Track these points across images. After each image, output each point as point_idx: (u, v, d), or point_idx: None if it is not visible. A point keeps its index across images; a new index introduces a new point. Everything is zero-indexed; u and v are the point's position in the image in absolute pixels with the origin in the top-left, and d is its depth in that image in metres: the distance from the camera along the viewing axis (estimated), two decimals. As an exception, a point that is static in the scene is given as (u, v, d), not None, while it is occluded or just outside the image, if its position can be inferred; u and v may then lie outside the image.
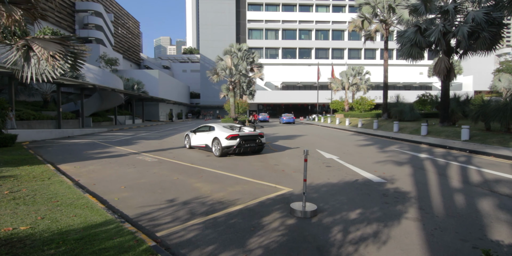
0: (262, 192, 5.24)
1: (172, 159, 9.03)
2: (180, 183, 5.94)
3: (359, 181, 6.06)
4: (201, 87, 63.99)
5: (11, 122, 14.91)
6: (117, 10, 57.93)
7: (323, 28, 58.79)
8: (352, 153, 10.31)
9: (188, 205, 4.47)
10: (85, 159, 8.94)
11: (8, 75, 15.14)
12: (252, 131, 10.00)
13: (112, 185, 5.76)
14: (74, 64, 7.41)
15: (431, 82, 56.99)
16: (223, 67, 27.01)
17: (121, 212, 4.17)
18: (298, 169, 7.41)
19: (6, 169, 6.71)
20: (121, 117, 32.83)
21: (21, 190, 4.93)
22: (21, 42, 7.10)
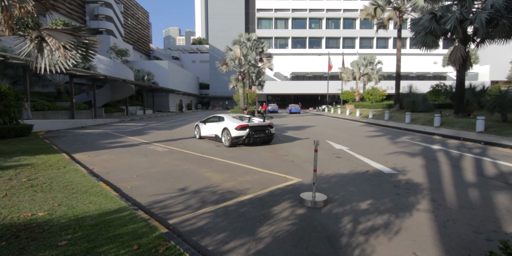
0: (271, 182, 5.27)
1: (182, 149, 9.13)
2: (191, 172, 6.02)
3: (369, 172, 6.01)
4: (210, 77, 63.95)
5: (27, 113, 15.29)
6: (127, 1, 57.81)
7: (334, 17, 57.35)
8: (362, 144, 10.21)
9: (199, 194, 4.53)
10: (98, 148, 9.14)
11: (23, 67, 15.44)
12: (261, 121, 9.98)
13: (125, 174, 5.89)
14: (85, 55, 7.48)
15: (445, 72, 55.33)
16: (232, 57, 26.82)
17: (134, 200, 4.27)
18: (307, 159, 7.39)
19: (23, 158, 6.92)
20: (132, 108, 33.26)
21: (38, 178, 5.09)
22: (34, 33, 7.18)
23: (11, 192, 4.29)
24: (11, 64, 14.88)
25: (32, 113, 16.49)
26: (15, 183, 4.74)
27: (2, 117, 10.60)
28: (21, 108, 12.00)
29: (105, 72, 25.89)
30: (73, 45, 7.16)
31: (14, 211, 3.55)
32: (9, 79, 18.55)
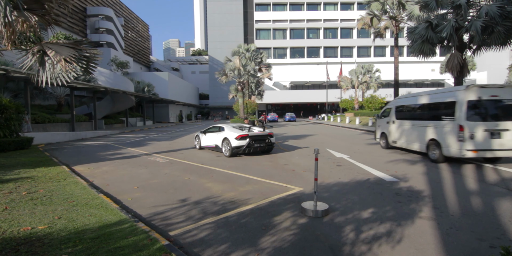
0: (272, 191, 5.24)
1: (183, 159, 9.12)
2: (192, 183, 6.00)
3: (370, 180, 5.99)
4: (210, 88, 64.41)
5: (27, 125, 15.34)
6: (127, 14, 58.91)
7: (332, 27, 58.32)
8: (362, 152, 10.20)
9: (200, 205, 4.51)
10: (98, 160, 9.13)
11: (24, 80, 15.59)
12: (261, 131, 10.00)
13: (125, 185, 5.87)
14: (86, 68, 7.58)
15: (443, 79, 55.79)
16: (231, 67, 27.12)
17: (135, 212, 4.24)
18: (308, 168, 7.38)
19: (23, 170, 6.91)
20: (132, 119, 33.36)
21: (38, 191, 5.08)
22: (36, 47, 7.31)
23: (11, 205, 4.27)
24: (13, 77, 15.04)
25: (33, 126, 16.55)
26: (15, 196, 4.72)
27: (2, 130, 10.64)
28: (21, 121, 12.07)
29: (106, 84, 26.13)
30: (74, 58, 7.27)
31: (14, 225, 3.53)
32: (10, 92, 18.70)
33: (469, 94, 7.35)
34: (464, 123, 7.21)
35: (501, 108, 7.41)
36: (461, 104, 7.38)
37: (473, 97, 7.31)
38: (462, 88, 7.55)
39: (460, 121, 7.29)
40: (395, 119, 10.43)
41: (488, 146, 7.18)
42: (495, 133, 7.22)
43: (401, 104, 10.41)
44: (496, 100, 7.35)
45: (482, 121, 7.27)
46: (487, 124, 7.24)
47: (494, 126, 7.24)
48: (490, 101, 7.35)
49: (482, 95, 7.33)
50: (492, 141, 7.19)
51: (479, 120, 7.28)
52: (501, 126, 7.22)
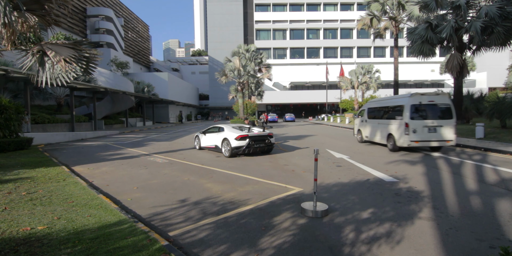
0: (272, 192, 5.24)
1: (182, 160, 9.12)
2: (191, 183, 6.00)
3: (370, 181, 5.99)
4: (209, 88, 64.45)
5: (27, 126, 15.35)
6: (127, 15, 58.94)
7: (331, 27, 58.38)
8: (362, 152, 10.20)
9: (200, 205, 4.51)
10: (98, 161, 9.13)
11: (24, 80, 15.60)
12: (261, 131, 10.00)
13: (125, 186, 5.87)
14: (86, 68, 7.58)
15: (443, 80, 55.84)
16: (231, 68, 27.13)
17: (134, 212, 4.24)
18: (308, 169, 7.37)
19: (23, 171, 6.91)
20: (132, 120, 33.35)
21: (38, 191, 5.07)
22: (36, 47, 7.31)
23: (11, 206, 4.27)
24: (12, 78, 15.04)
25: (32, 126, 16.55)
26: (14, 197, 4.71)
27: (2, 130, 10.64)
28: (21, 122, 12.06)
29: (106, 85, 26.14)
30: (74, 58, 7.27)
31: (13, 225, 3.53)
32: (10, 93, 18.70)
33: (412, 100, 9.62)
34: (409, 121, 9.50)
35: (436, 110, 9.73)
36: (407, 107, 9.62)
37: (416, 102, 9.60)
38: (408, 96, 9.87)
39: (406, 119, 9.56)
40: (367, 119, 12.62)
41: (427, 138, 9.51)
42: (431, 128, 9.54)
43: (371, 107, 12.58)
44: (432, 104, 9.68)
45: (422, 119, 9.58)
46: (426, 122, 9.54)
47: (431, 123, 9.54)
48: (428, 105, 9.68)
49: (422, 100, 9.65)
50: (430, 134, 9.54)
51: (420, 119, 9.58)
52: (436, 123, 9.56)
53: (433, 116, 9.67)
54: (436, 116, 9.67)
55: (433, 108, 9.74)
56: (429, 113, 9.69)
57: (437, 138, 9.53)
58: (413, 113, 9.57)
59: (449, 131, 9.61)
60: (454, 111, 9.89)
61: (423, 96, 9.77)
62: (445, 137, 9.56)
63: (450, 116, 9.72)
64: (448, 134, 9.59)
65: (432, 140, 9.55)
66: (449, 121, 9.65)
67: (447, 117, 9.68)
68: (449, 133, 9.61)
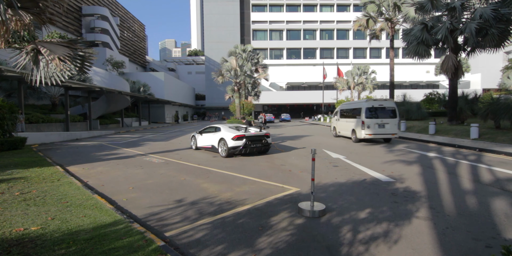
0: (269, 192, 5.22)
1: (179, 160, 9.06)
2: (188, 183, 5.95)
3: (367, 181, 6.00)
4: (206, 88, 64.30)
5: (21, 125, 15.16)
6: (123, 14, 58.58)
7: (328, 28, 58.61)
8: (359, 152, 10.23)
9: (196, 205, 4.47)
10: (93, 160, 9.04)
11: (17, 79, 15.42)
12: (258, 131, 9.98)
13: (120, 186, 5.80)
14: (81, 67, 7.50)
15: (438, 81, 56.33)
16: (228, 68, 27.08)
17: (130, 213, 4.19)
18: (305, 169, 7.37)
19: (16, 171, 6.81)
20: (128, 120, 33.14)
21: (32, 192, 5.00)
22: (30, 45, 7.22)
23: (3, 206, 4.20)
24: (6, 76, 14.85)
25: (26, 126, 16.35)
26: (7, 197, 4.64)
27: (-5, 130, 10.48)
28: (15, 121, 11.91)
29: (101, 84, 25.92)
30: (69, 57, 7.19)
31: (6, 226, 3.46)
32: (3, 92, 18.47)
33: (367, 104, 12.62)
34: (364, 120, 12.47)
35: (384, 112, 12.68)
36: (363, 109, 12.59)
37: (370, 105, 12.58)
38: (364, 101, 12.91)
39: (363, 118, 12.53)
40: (339, 118, 15.72)
41: (377, 132, 12.46)
42: (381, 125, 12.50)
43: (342, 108, 15.60)
44: (382, 107, 12.69)
45: (374, 118, 12.48)
46: (377, 120, 12.46)
47: (380, 121, 12.47)
48: (378, 108, 12.66)
49: (374, 104, 12.61)
50: (380, 129, 12.48)
51: (373, 117, 12.49)
52: (384, 121, 12.52)
53: (382, 116, 12.61)
54: (384, 116, 12.62)
55: (382, 110, 12.71)
56: (379, 114, 12.65)
57: (385, 132, 12.57)
58: (367, 114, 12.54)
59: (394, 127, 12.66)
60: (398, 112, 13.01)
61: (375, 101, 12.84)
62: (391, 131, 12.60)
63: (395, 116, 12.76)
64: (393, 129, 12.63)
65: (381, 134, 12.57)
66: (394, 119, 12.69)
67: (392, 117, 12.70)
68: (394, 128, 12.65)
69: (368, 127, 12.42)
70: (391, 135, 12.58)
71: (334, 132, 16.53)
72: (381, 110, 12.70)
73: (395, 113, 12.79)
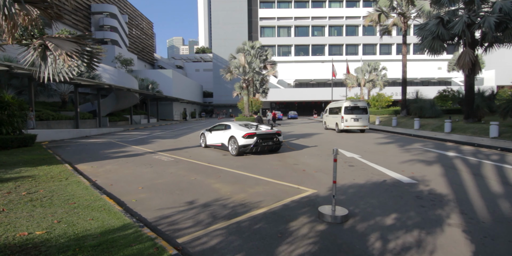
0: (285, 193, 4.94)
1: (188, 158, 8.86)
2: (198, 183, 5.72)
3: (387, 182, 5.67)
4: (214, 86, 64.18)
5: (32, 122, 15.20)
6: (131, 12, 58.71)
7: (337, 24, 57.67)
8: (374, 151, 9.86)
9: (209, 208, 4.23)
10: (102, 158, 8.90)
11: (28, 76, 15.44)
12: (269, 129, 9.70)
13: (129, 185, 5.61)
14: (89, 63, 7.32)
15: (450, 77, 54.94)
16: (236, 65, 26.77)
17: (139, 215, 3.97)
18: (319, 168, 7.07)
19: (25, 169, 6.69)
20: (137, 117, 33.22)
21: (39, 191, 4.83)
22: (37, 41, 7.06)
23: (9, 207, 4.03)
24: (16, 74, 14.87)
25: (37, 123, 16.40)
26: (13, 197, 4.47)
27: (5, 127, 10.44)
28: (24, 118, 11.89)
29: (110, 82, 25.95)
30: (77, 53, 7.01)
31: (10, 230, 3.27)
32: (14, 89, 18.57)
33: (346, 103, 16.82)
34: (344, 115, 16.51)
35: (358, 109, 16.74)
36: (343, 107, 16.63)
37: (347, 105, 16.75)
38: (344, 100, 17.09)
39: (342, 114, 16.57)
40: (328, 114, 19.79)
41: (353, 125, 16.60)
42: (355, 119, 16.52)
43: (330, 107, 19.52)
44: (356, 106, 16.75)
45: (350, 114, 16.54)
46: (352, 116, 16.52)
47: (355, 116, 16.47)
48: (354, 106, 16.73)
49: (351, 104, 16.79)
50: (355, 123, 16.56)
51: (350, 113, 16.55)
52: (357, 117, 16.53)
53: (356, 113, 16.79)
54: (358, 112, 16.79)
55: (357, 108, 16.91)
56: (354, 111, 16.84)
57: (358, 125, 16.82)
58: (346, 111, 16.81)
59: (365, 121, 16.85)
60: (368, 109, 17.16)
61: (352, 101, 17.27)
62: (363, 124, 16.85)
63: (366, 113, 16.94)
64: (365, 122, 16.86)
65: (356, 126, 16.83)
66: (365, 115, 16.85)
67: (364, 113, 16.88)
68: (366, 122, 16.87)
69: (346, 121, 16.76)
70: (363, 127, 16.92)
71: (324, 126, 20.89)
72: (356, 108, 16.90)
73: (366, 110, 16.98)
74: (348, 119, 16.57)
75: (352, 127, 16.76)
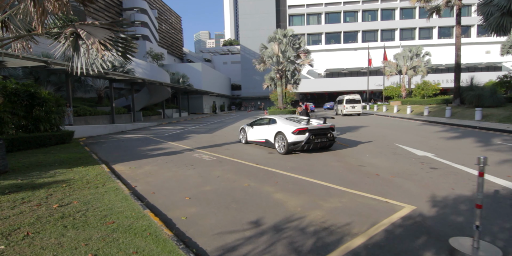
0: (374, 211, 3.77)
1: (231, 157, 7.92)
2: (254, 192, 4.71)
3: (502, 193, 4.29)
4: (242, 78, 63.26)
5: (69, 118, 15.17)
6: (160, 6, 58.96)
7: (371, 8, 53.99)
8: (445, 148, 8.31)
9: (283, 234, 3.18)
10: (139, 157, 8.23)
11: (65, 72, 15.35)
12: (321, 123, 8.48)
13: (174, 194, 4.73)
14: (124, 52, 6.51)
15: (500, 62, 49.45)
16: (269, 54, 25.45)
17: (196, 245, 3.01)
18: (394, 172, 5.78)
19: (60, 171, 6.09)
20: (169, 111, 33.24)
21: (72, 203, 4.07)
22: (69, 29, 6.34)
23: (35, 228, 3.25)
24: (54, 70, 14.81)
25: (75, 119, 16.42)
26: (43, 212, 3.73)
27: (42, 124, 10.16)
28: (62, 114, 11.61)
29: (143, 76, 25.85)
30: (110, 41, 6.22)
31: (32, 267, 2.45)
32: (53, 86, 18.80)
33: (347, 97, 25.29)
34: (344, 104, 24.94)
35: (354, 101, 25.11)
36: (344, 100, 25.12)
37: (348, 97, 25.21)
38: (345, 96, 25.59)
39: (344, 104, 25.08)
40: (337, 104, 27.93)
41: (351, 111, 25.08)
42: (352, 107, 24.92)
43: (338, 99, 27.45)
44: (353, 98, 25.17)
45: (350, 104, 24.92)
46: (350, 104, 24.90)
47: (352, 105, 24.88)
48: (351, 99, 25.11)
49: (349, 97, 25.18)
50: (352, 110, 25.01)
51: (349, 103, 24.93)
52: (354, 106, 24.95)
53: (353, 102, 24.80)
54: (354, 102, 24.80)
55: (354, 100, 24.89)
56: (351, 102, 24.79)
57: (354, 111, 24.87)
58: (347, 102, 24.81)
59: (359, 109, 24.90)
60: (361, 101, 25.33)
61: (349, 95, 25.27)
62: (357, 111, 24.95)
63: (360, 103, 24.89)
64: (359, 109, 24.92)
65: (353, 112, 24.92)
66: (359, 104, 24.78)
67: (358, 103, 24.84)
68: (359, 109, 24.94)
69: (346, 108, 24.96)
70: (357, 113, 25.27)
71: (336, 113, 28.24)
72: (353, 100, 25.09)
73: (359, 101, 25.15)
74: (348, 107, 24.96)
75: (352, 112, 25.12)
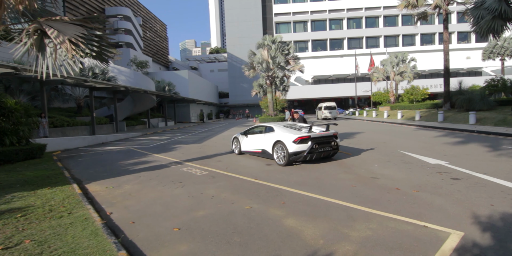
0: (416, 241, 2.98)
1: (225, 170, 7.02)
2: (259, 217, 3.84)
3: (555, 211, 3.60)
4: (229, 86, 62.54)
5: (44, 130, 13.89)
6: (145, 14, 57.97)
7: (356, 16, 54.94)
8: (455, 154, 7.72)
9: (310, 285, 2.33)
10: (119, 173, 7.20)
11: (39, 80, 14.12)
12: (323, 131, 7.74)
13: (159, 224, 3.80)
14: (99, 52, 5.60)
15: (480, 67, 50.98)
16: (259, 60, 24.86)
17: None
18: (414, 184, 5.05)
19: (19, 195, 5.03)
20: (154, 120, 31.94)
21: (23, 243, 3.09)
22: (32, 25, 5.39)
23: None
24: (25, 77, 13.60)
25: (51, 130, 15.11)
26: (-22, 260, 2.74)
27: (8, 137, 8.96)
28: (32, 126, 10.44)
29: (126, 84, 24.68)
30: (83, 39, 5.32)
31: None
32: (27, 95, 17.40)
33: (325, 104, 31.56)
34: (324, 111, 31.03)
35: (331, 107, 31.27)
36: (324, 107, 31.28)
37: (325, 105, 31.40)
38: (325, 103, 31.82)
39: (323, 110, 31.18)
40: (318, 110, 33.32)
41: (330, 116, 30.91)
42: (330, 112, 30.96)
43: (319, 106, 32.93)
44: (330, 105, 31.35)
45: (327, 110, 31.08)
46: (327, 110, 31.02)
47: (329, 111, 31.02)
48: (328, 106, 31.29)
49: (326, 105, 31.42)
50: (330, 114, 30.93)
51: (327, 110, 31.10)
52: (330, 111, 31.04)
53: (329, 108, 30.92)
54: (330, 108, 30.91)
55: (330, 107, 31.02)
56: (328, 108, 30.92)
57: (331, 116, 30.74)
58: (325, 109, 30.90)
59: (335, 114, 31.12)
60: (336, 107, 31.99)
61: (327, 103, 31.82)
62: (333, 115, 30.90)
63: (335, 109, 31.17)
64: (334, 114, 31.02)
65: (330, 116, 30.66)
66: (334, 110, 30.99)
67: (334, 109, 31.05)
68: (335, 114, 31.11)
69: (324, 113, 30.53)
70: (334, 117, 30.63)
71: (319, 118, 32.23)
72: (330, 107, 30.84)
73: (335, 108, 30.94)
74: (326, 113, 30.54)
75: (330, 116, 30.47)
